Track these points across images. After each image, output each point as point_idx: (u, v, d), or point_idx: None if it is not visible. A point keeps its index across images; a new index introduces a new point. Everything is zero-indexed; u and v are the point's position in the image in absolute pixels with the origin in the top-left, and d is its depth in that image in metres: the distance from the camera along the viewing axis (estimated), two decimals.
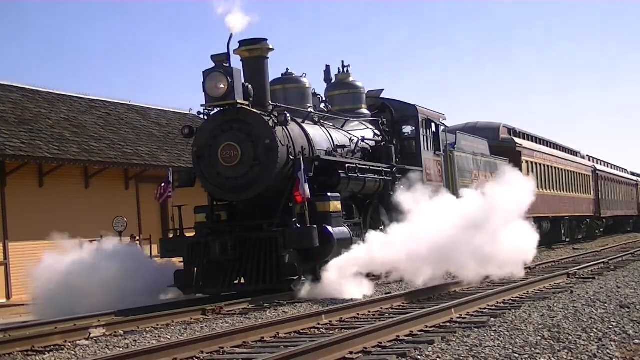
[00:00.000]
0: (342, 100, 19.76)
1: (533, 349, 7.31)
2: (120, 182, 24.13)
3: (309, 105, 17.55)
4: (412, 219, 15.07)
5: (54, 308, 13.23)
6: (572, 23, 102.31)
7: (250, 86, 14.92)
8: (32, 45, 63.27)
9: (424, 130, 20.41)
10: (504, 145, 29.33)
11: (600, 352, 7.12)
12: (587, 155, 44.88)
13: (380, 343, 7.96)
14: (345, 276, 13.76)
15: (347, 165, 15.99)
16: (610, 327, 8.47)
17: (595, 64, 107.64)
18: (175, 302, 14.01)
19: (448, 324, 9.33)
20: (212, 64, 14.67)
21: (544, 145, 35.64)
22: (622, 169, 55.78)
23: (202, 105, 15.06)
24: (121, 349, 8.93)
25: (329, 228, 14.40)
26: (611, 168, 50.65)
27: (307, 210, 14.19)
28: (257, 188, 14.70)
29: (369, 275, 14.75)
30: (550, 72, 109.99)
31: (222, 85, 14.50)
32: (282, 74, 17.92)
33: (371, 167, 17.18)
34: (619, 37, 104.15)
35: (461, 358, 7.07)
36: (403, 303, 12.01)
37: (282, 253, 13.93)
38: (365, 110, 19.86)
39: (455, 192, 19.36)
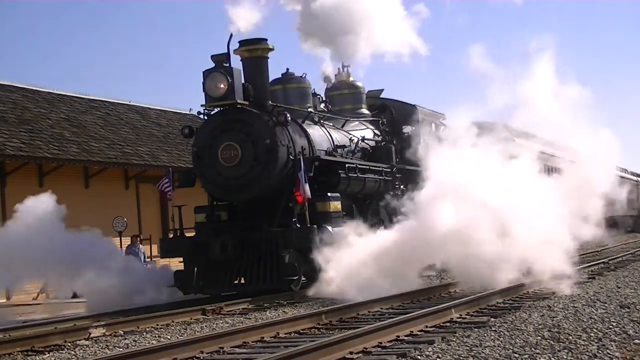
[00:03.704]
0: (342, 101, 19.73)
1: (533, 349, 7.31)
2: (120, 182, 24.12)
3: (309, 105, 17.53)
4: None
5: None
6: (572, 20, 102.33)
7: (250, 86, 14.93)
8: (31, 45, 63.26)
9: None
10: None
11: (600, 352, 7.12)
12: None
13: (380, 343, 7.96)
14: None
15: (347, 165, 15.99)
16: (610, 327, 8.47)
17: (594, 62, 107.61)
18: (175, 302, 14.00)
19: (448, 324, 9.32)
20: (212, 64, 14.68)
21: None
22: (622, 169, 55.70)
23: (202, 105, 15.09)
24: (121, 349, 8.94)
25: (329, 228, 14.41)
26: None
27: (307, 210, 14.20)
28: (257, 188, 14.70)
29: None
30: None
31: (222, 85, 14.50)
32: (282, 74, 17.90)
33: (371, 167, 17.17)
34: (619, 34, 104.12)
35: (461, 358, 7.08)
36: (403, 303, 12.00)
37: (282, 253, 13.94)
38: (365, 110, 19.82)
39: None
